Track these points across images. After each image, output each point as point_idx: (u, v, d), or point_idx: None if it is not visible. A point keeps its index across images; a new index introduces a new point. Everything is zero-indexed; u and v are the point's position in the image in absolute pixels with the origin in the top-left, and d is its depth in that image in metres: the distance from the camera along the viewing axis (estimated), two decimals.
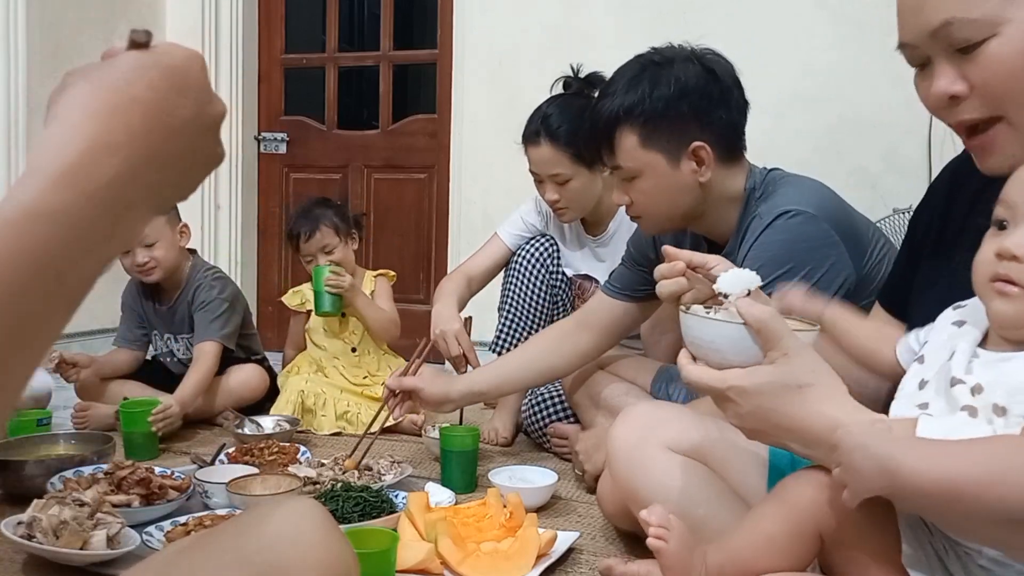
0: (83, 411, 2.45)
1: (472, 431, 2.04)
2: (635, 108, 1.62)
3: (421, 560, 1.45)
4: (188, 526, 1.56)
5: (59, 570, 1.46)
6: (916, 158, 3.00)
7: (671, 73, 1.62)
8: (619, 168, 1.69)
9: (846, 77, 3.08)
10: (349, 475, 1.88)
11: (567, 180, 2.28)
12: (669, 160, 1.64)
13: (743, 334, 0.96)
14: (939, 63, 0.97)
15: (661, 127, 1.62)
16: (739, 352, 0.96)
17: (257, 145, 4.12)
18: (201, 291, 2.60)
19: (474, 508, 1.70)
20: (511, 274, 2.54)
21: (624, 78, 1.66)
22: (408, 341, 3.60)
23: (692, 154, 1.63)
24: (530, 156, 2.32)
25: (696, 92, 1.61)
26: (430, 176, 3.86)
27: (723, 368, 0.97)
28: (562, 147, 2.24)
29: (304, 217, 2.72)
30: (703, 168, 1.64)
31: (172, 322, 2.67)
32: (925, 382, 0.91)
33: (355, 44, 4.88)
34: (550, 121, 2.26)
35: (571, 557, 1.58)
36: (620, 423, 1.41)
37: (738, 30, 3.13)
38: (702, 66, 1.63)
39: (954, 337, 0.92)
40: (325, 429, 2.53)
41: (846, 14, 3.08)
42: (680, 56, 1.65)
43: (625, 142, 1.65)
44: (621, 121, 1.64)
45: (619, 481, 1.40)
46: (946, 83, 0.97)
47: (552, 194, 2.31)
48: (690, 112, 1.61)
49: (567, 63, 2.53)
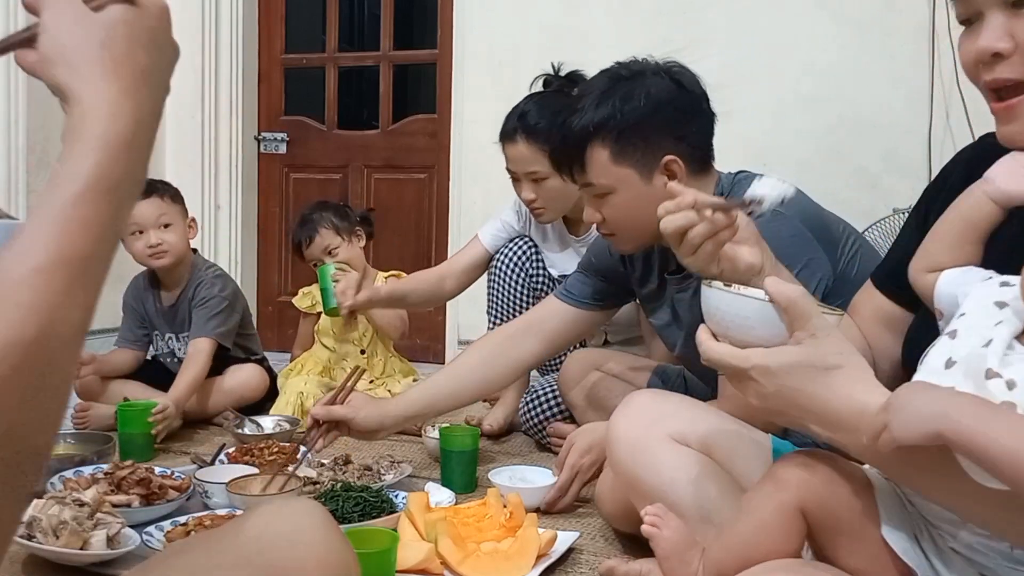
0: (83, 411, 2.46)
1: (472, 431, 2.04)
2: (606, 123, 1.58)
3: (421, 560, 1.44)
4: (188, 526, 1.56)
5: (59, 570, 1.46)
6: (916, 158, 3.00)
7: (642, 86, 1.58)
8: (590, 185, 1.63)
9: (846, 77, 3.08)
10: (349, 475, 1.88)
11: (544, 178, 2.24)
12: (641, 175, 1.59)
13: (770, 311, 0.92)
14: (991, 16, 0.95)
15: (633, 142, 1.57)
16: (765, 330, 0.93)
17: (257, 145, 4.12)
18: (202, 288, 2.60)
19: (474, 508, 1.70)
20: (492, 278, 2.54)
21: (593, 93, 1.62)
22: (411, 341, 3.62)
23: (664, 168, 1.58)
24: (507, 154, 2.30)
25: (668, 105, 1.58)
26: (430, 176, 3.86)
27: (745, 346, 0.94)
28: (540, 144, 2.19)
29: (302, 225, 2.74)
30: (675, 182, 1.57)
31: (174, 321, 2.67)
32: (953, 362, 0.87)
33: (355, 44, 4.88)
34: (527, 118, 2.24)
35: (571, 557, 1.58)
36: (622, 413, 1.38)
37: (738, 30, 3.13)
38: (670, 79, 1.60)
39: (993, 317, 0.87)
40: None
41: (846, 14, 3.08)
42: (648, 70, 1.61)
43: (596, 158, 1.60)
44: (592, 136, 1.59)
45: (622, 473, 1.38)
46: (993, 38, 0.94)
47: (529, 193, 2.29)
48: (662, 126, 1.57)
49: (567, 63, 2.53)
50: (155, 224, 2.52)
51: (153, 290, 2.69)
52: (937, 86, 2.99)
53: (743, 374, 0.93)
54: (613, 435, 1.38)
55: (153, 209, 2.53)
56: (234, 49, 4.00)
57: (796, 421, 0.94)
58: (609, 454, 1.43)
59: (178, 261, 2.59)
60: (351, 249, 2.72)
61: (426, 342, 3.82)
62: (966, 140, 2.95)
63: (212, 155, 4.01)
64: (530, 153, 2.24)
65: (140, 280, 2.73)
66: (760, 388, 0.92)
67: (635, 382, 2.10)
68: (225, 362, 2.63)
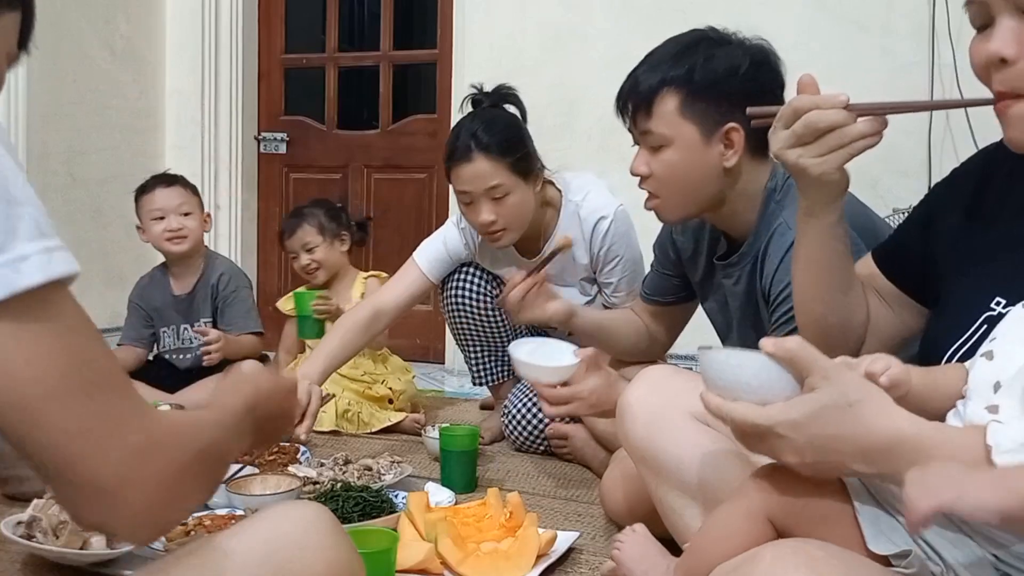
0: None
1: (472, 431, 2.04)
2: (684, 75, 1.58)
3: (421, 560, 1.45)
4: (188, 526, 1.56)
5: (59, 570, 1.46)
6: (916, 158, 3.00)
7: (727, 51, 1.61)
8: (649, 133, 1.61)
9: (846, 77, 3.07)
10: (349, 475, 1.88)
11: (505, 194, 2.12)
12: (702, 134, 1.58)
13: (776, 368, 0.90)
14: (1002, 21, 0.95)
15: (703, 99, 1.58)
16: (777, 386, 0.90)
17: (257, 145, 4.12)
18: (233, 279, 2.76)
19: (474, 508, 1.70)
20: (454, 317, 2.45)
21: (677, 45, 1.64)
22: (409, 341, 3.62)
23: (724, 135, 1.58)
24: (461, 175, 2.14)
25: (746, 76, 1.59)
26: (430, 176, 3.86)
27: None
28: (498, 157, 2.12)
29: (292, 215, 2.88)
30: (731, 153, 1.59)
31: (189, 310, 2.74)
32: (999, 385, 0.87)
33: (355, 44, 4.87)
34: (479, 135, 2.13)
35: (571, 557, 1.58)
36: (638, 384, 1.34)
37: (738, 30, 3.12)
38: (757, 55, 1.63)
39: None
40: (324, 426, 2.51)
41: (846, 14, 3.08)
42: (737, 40, 1.65)
43: (664, 106, 1.59)
44: (666, 84, 1.59)
45: (635, 446, 1.32)
46: (1001, 43, 0.94)
47: (488, 215, 2.13)
48: (734, 94, 1.56)
49: (567, 63, 2.53)
50: (176, 211, 2.67)
51: (166, 281, 2.77)
52: (937, 86, 2.98)
53: (771, 433, 0.89)
54: (627, 410, 1.33)
55: (175, 197, 2.69)
56: (234, 49, 4.00)
57: (838, 468, 0.90)
58: (621, 429, 1.36)
59: (194, 249, 2.72)
60: (330, 251, 2.80)
61: (426, 342, 3.81)
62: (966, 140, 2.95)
63: (212, 155, 4.01)
64: (491, 167, 2.12)
65: (152, 274, 2.82)
66: (792, 443, 0.88)
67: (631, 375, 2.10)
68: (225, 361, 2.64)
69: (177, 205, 2.67)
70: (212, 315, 2.73)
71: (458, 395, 3.18)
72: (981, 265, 1.07)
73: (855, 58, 3.05)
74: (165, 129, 4.07)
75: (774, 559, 0.81)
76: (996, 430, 0.83)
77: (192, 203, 2.71)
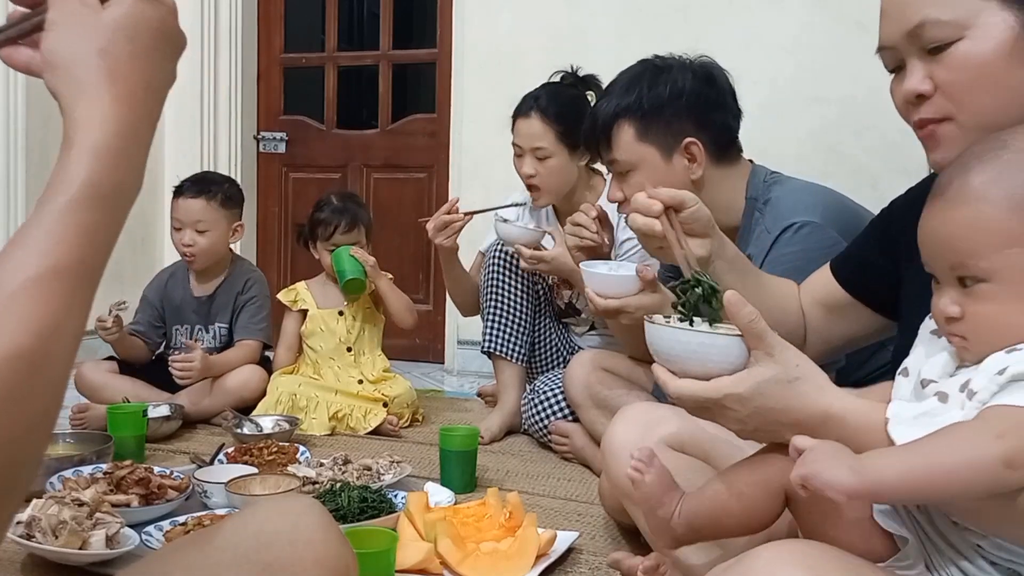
0: (81, 412, 2.46)
1: (471, 431, 2.04)
2: (633, 104, 1.74)
3: (420, 560, 1.45)
4: (187, 526, 1.56)
5: (58, 570, 1.46)
6: (916, 158, 2.99)
7: (669, 76, 1.75)
8: (615, 162, 1.79)
9: (846, 77, 3.08)
10: (348, 475, 1.88)
11: (547, 156, 2.38)
12: (663, 154, 1.74)
13: (727, 340, 0.95)
14: (911, 63, 1.04)
15: (657, 122, 1.73)
16: (722, 356, 0.95)
17: (256, 145, 4.12)
18: (255, 286, 2.71)
19: (474, 508, 1.70)
20: (487, 275, 2.57)
21: (625, 77, 1.80)
22: (409, 342, 3.62)
23: (684, 150, 1.73)
24: (518, 128, 2.42)
25: (692, 93, 1.73)
26: (430, 176, 3.86)
27: (707, 377, 0.95)
28: (550, 122, 2.37)
29: (341, 212, 2.69)
30: (695, 165, 1.73)
31: (208, 312, 2.71)
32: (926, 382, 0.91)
33: (354, 43, 4.87)
34: (541, 100, 2.40)
35: (571, 557, 1.58)
36: (619, 422, 1.42)
37: (738, 30, 3.12)
38: (700, 72, 1.76)
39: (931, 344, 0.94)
40: (316, 431, 2.51)
41: (846, 14, 3.08)
42: (677, 64, 1.78)
43: (623, 135, 1.76)
44: (620, 116, 1.75)
45: (619, 485, 1.38)
46: (915, 81, 1.03)
47: (530, 168, 2.40)
48: (684, 112, 1.72)
49: (567, 63, 2.54)
50: (192, 226, 2.62)
51: (187, 279, 2.74)
52: None
53: (718, 404, 0.95)
54: (609, 447, 1.41)
55: (194, 211, 2.62)
56: (233, 48, 3.99)
57: (773, 436, 0.98)
58: (605, 467, 1.47)
59: (209, 263, 2.67)
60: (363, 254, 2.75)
61: (426, 342, 3.81)
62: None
63: (211, 154, 4.01)
64: (540, 129, 2.37)
65: (175, 270, 2.78)
66: (735, 414, 0.95)
67: (639, 381, 2.10)
68: None
69: (194, 221, 2.61)
70: (230, 321, 2.70)
71: (458, 395, 3.18)
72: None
73: (855, 58, 3.05)
74: (164, 128, 4.07)
75: (771, 559, 0.82)
76: (896, 406, 0.89)
77: (212, 219, 2.62)
